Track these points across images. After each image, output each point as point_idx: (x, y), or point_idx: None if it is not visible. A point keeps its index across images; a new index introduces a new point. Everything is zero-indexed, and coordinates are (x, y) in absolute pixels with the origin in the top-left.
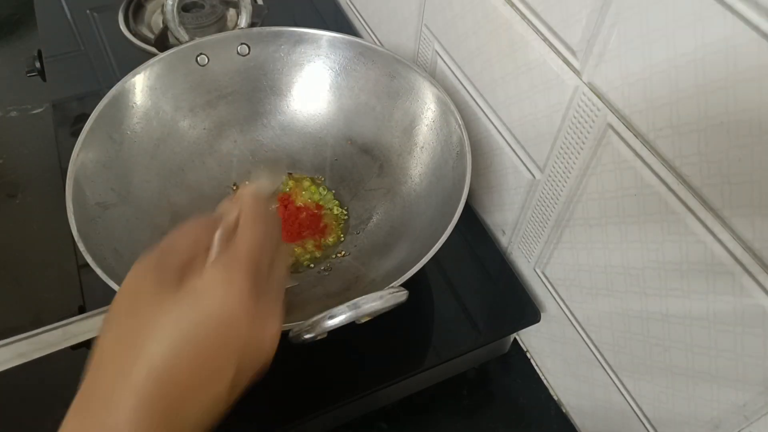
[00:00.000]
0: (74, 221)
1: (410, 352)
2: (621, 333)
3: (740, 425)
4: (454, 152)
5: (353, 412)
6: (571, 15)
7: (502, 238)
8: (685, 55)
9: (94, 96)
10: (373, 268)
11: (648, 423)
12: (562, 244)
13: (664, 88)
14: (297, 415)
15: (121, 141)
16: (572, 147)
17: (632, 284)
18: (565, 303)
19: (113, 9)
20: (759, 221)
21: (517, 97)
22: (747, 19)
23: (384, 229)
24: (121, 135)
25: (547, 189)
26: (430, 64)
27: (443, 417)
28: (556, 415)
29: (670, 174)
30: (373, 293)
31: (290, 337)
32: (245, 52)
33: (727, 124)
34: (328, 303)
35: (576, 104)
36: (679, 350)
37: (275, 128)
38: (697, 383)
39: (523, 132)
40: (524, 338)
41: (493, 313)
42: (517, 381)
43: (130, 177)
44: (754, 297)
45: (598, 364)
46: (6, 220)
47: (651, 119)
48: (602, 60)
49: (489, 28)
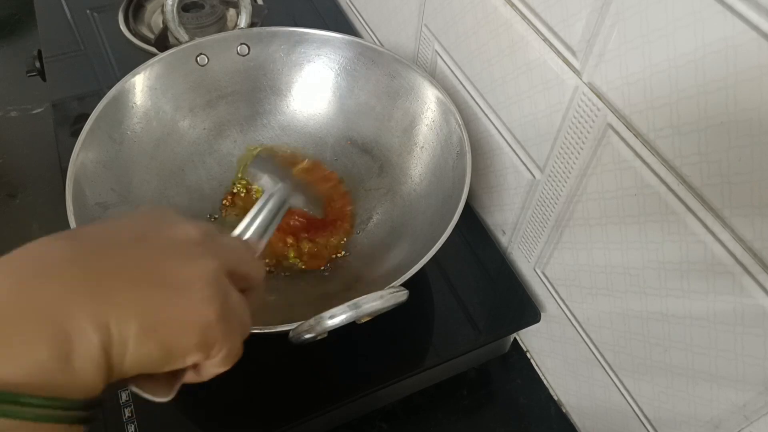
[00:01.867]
0: (74, 221)
1: (410, 352)
2: (621, 333)
3: (740, 425)
4: (454, 152)
5: (353, 412)
6: (571, 15)
7: (502, 238)
8: (685, 55)
9: (94, 96)
10: (373, 268)
11: (648, 423)
12: (562, 244)
13: (664, 88)
14: (297, 415)
15: (121, 141)
16: (572, 147)
17: (632, 284)
18: (565, 303)
19: (113, 9)
20: (759, 221)
21: (517, 97)
22: (747, 19)
23: (384, 229)
24: (121, 135)
25: (547, 189)
26: (430, 64)
27: (443, 417)
28: (556, 415)
29: (670, 174)
30: (373, 293)
31: (290, 337)
32: (245, 52)
33: (727, 124)
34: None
35: (576, 104)
36: (679, 350)
37: (275, 128)
38: (697, 383)
39: (523, 132)
40: (524, 338)
41: (493, 313)
42: (517, 381)
43: (130, 177)
44: (754, 297)
45: (598, 364)
46: (6, 220)
47: (651, 119)
48: (602, 60)
49: (489, 28)
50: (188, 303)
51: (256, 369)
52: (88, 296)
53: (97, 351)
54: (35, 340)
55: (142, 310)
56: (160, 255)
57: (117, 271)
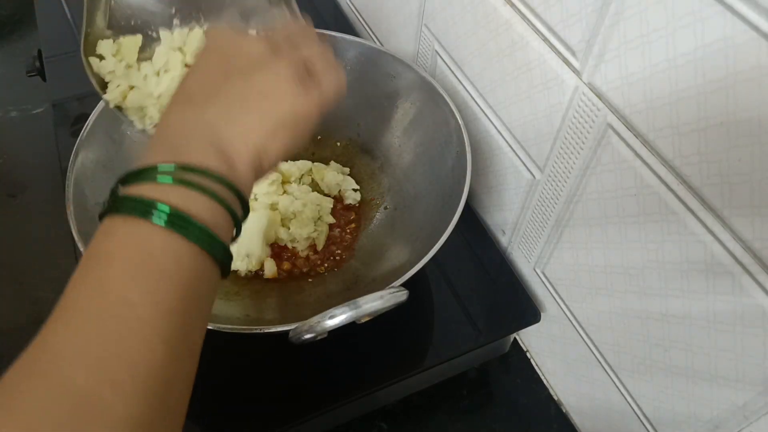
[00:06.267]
0: (74, 221)
1: (410, 352)
2: (621, 333)
3: (740, 425)
4: (454, 152)
5: (353, 412)
6: (571, 15)
7: (502, 238)
8: (685, 55)
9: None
10: (373, 268)
11: (648, 423)
12: (562, 244)
13: (664, 88)
14: (297, 414)
15: (121, 141)
16: (572, 147)
17: (632, 284)
18: (565, 303)
19: None
20: (759, 221)
21: (517, 97)
22: (747, 19)
23: (384, 229)
24: (121, 135)
25: (547, 189)
26: (430, 64)
27: (443, 417)
28: (556, 415)
29: (670, 174)
30: (373, 293)
31: (290, 337)
32: None
33: (727, 124)
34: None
35: (576, 104)
36: (679, 350)
37: None
38: (697, 383)
39: (523, 132)
40: (524, 338)
41: (493, 313)
42: (517, 381)
43: None
44: (754, 297)
45: (598, 364)
46: (6, 220)
47: (651, 119)
48: (602, 60)
49: (489, 28)
50: (287, 99)
51: (256, 369)
52: (227, 124)
53: (251, 159)
54: (210, 157)
55: (261, 124)
56: (250, 80)
57: (235, 101)
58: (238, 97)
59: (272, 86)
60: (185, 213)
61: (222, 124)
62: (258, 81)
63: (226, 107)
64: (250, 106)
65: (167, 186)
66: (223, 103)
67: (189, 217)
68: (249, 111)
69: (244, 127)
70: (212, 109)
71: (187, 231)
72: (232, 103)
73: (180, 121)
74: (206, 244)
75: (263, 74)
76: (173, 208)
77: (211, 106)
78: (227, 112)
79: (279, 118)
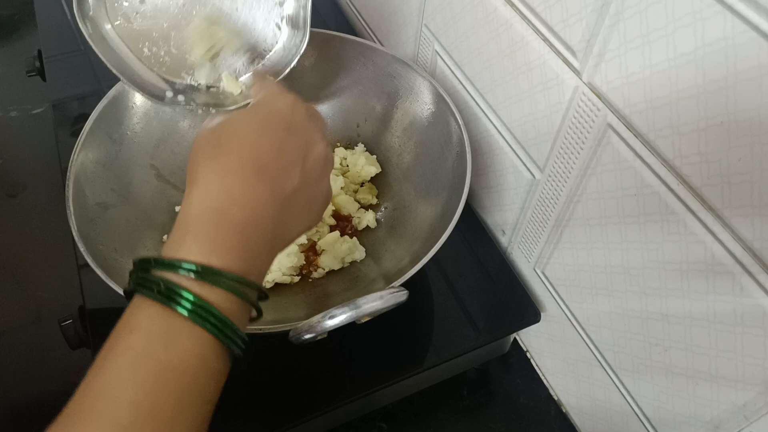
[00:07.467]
0: (74, 221)
1: (410, 352)
2: (621, 333)
3: (740, 425)
4: (454, 152)
5: (353, 412)
6: (571, 15)
7: (502, 238)
8: (685, 55)
9: (94, 96)
10: (373, 268)
11: (648, 423)
12: (562, 244)
13: (664, 88)
14: (297, 414)
15: (121, 141)
16: (572, 147)
17: (632, 284)
18: (565, 303)
19: None
20: (759, 221)
21: (517, 97)
22: (747, 19)
23: (384, 229)
24: (121, 135)
25: (547, 189)
26: (430, 64)
27: (443, 417)
28: (556, 415)
29: (670, 174)
30: (373, 293)
31: (290, 337)
32: None
33: (726, 124)
34: (328, 303)
35: (576, 104)
36: (679, 350)
37: None
38: (697, 383)
39: (523, 132)
40: (524, 338)
41: (493, 313)
42: (517, 381)
43: (130, 177)
44: (754, 297)
45: (598, 364)
46: (6, 220)
47: (651, 119)
48: (602, 60)
49: (489, 28)
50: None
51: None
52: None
53: (269, 258)
54: (235, 248)
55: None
56: (321, 183)
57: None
58: (306, 203)
59: (327, 189)
60: (208, 303)
61: (282, 230)
62: (325, 184)
63: (298, 213)
64: (312, 210)
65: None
66: (299, 207)
67: (211, 307)
68: (309, 218)
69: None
70: (288, 212)
71: (209, 323)
72: (302, 212)
73: (252, 200)
74: (223, 335)
75: (326, 175)
76: (197, 297)
77: (288, 209)
78: (294, 219)
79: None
